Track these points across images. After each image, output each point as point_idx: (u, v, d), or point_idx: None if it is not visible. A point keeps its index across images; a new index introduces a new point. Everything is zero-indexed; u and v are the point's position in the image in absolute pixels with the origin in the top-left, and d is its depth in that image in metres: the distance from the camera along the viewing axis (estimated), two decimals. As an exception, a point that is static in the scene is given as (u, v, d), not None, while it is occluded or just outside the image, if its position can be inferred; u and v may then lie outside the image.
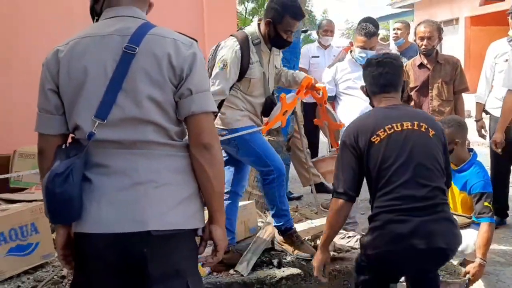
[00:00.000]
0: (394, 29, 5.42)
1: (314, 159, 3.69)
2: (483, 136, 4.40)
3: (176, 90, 1.53)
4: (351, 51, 4.05)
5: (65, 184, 1.43)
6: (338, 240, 3.34)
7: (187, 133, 1.59)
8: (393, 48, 5.47)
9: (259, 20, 2.90)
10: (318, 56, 5.33)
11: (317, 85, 3.08)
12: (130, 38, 1.51)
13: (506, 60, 4.08)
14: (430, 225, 2.09)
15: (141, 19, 1.59)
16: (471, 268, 2.85)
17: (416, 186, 2.11)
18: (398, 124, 2.19)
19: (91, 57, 1.51)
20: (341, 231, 3.57)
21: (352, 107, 3.72)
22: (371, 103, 2.49)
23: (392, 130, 2.18)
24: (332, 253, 3.23)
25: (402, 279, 2.48)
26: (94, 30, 1.57)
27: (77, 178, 1.46)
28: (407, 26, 5.44)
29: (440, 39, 3.97)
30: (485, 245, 2.88)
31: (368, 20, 4.76)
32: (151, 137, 1.52)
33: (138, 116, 1.50)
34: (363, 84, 2.78)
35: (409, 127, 2.20)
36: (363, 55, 3.75)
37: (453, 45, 14.07)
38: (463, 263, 3.04)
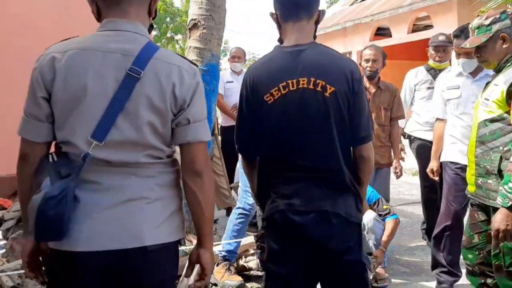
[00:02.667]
0: None
1: (232, 184, 3.77)
2: (402, 158, 4.56)
3: (174, 118, 1.53)
4: None
5: (58, 207, 1.38)
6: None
7: (180, 157, 1.61)
8: None
9: None
10: (232, 81, 5.46)
11: None
12: (134, 60, 1.47)
13: (429, 88, 4.34)
14: (312, 187, 1.94)
15: (144, 37, 1.55)
16: (376, 252, 3.43)
17: (304, 157, 1.95)
18: (294, 82, 1.93)
19: (92, 74, 1.45)
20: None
21: None
22: (280, 38, 2.09)
23: (287, 90, 1.93)
24: (256, 272, 3.31)
25: None
26: (96, 44, 1.49)
27: (70, 200, 1.41)
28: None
29: (384, 64, 4.14)
30: (388, 236, 3.51)
31: None
32: (145, 159, 1.52)
33: (136, 140, 1.49)
34: None
35: (305, 85, 1.93)
36: None
37: (347, 76, 15.03)
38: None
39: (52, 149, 1.57)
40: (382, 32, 14.45)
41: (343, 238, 1.96)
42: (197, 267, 1.69)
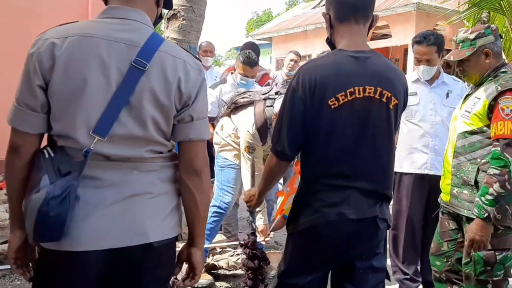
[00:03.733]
0: (291, 60, 5.71)
1: None
2: None
3: (177, 114, 1.47)
4: (232, 73, 4.16)
5: (60, 207, 1.29)
6: (230, 258, 3.35)
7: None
8: (280, 76, 5.70)
9: None
10: (202, 77, 5.36)
11: None
12: (140, 51, 1.39)
13: None
14: (360, 197, 1.91)
15: (149, 27, 1.47)
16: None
17: (359, 166, 1.91)
18: (361, 89, 1.87)
19: (95, 64, 1.35)
20: (229, 249, 3.60)
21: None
22: (330, 40, 2.04)
23: (353, 96, 1.87)
24: (224, 271, 3.26)
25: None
26: (99, 31, 1.39)
27: (72, 199, 1.32)
28: (300, 57, 5.83)
29: None
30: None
31: (250, 46, 4.87)
32: (147, 154, 1.45)
33: (140, 135, 1.42)
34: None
35: (371, 94, 1.89)
36: (244, 82, 3.86)
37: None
38: None
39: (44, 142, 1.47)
40: (342, 37, 14.66)
41: (380, 244, 2.00)
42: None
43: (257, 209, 2.91)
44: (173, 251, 1.58)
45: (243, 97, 3.18)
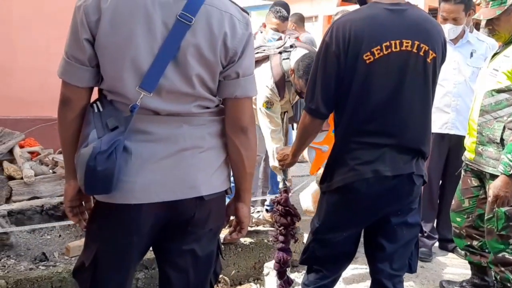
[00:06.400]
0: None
1: None
2: None
3: (223, 70, 1.46)
4: (261, 32, 4.17)
5: (107, 162, 1.31)
6: (252, 215, 3.42)
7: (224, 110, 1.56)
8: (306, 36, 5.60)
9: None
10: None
11: None
12: (185, 4, 1.36)
13: None
14: (396, 153, 1.90)
15: None
16: None
17: (395, 124, 1.89)
18: (397, 43, 1.82)
19: (141, 17, 1.34)
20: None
21: None
22: None
23: (390, 50, 1.82)
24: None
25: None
26: None
27: (119, 154, 1.34)
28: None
29: None
30: None
31: (280, 3, 4.88)
32: (195, 109, 1.47)
33: (186, 91, 1.42)
34: None
35: (408, 48, 1.84)
36: (276, 37, 3.86)
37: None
38: None
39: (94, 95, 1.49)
40: (350, -2, 14.41)
41: (415, 200, 2.01)
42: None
43: None
44: (223, 204, 1.61)
45: (257, 52, 3.13)
